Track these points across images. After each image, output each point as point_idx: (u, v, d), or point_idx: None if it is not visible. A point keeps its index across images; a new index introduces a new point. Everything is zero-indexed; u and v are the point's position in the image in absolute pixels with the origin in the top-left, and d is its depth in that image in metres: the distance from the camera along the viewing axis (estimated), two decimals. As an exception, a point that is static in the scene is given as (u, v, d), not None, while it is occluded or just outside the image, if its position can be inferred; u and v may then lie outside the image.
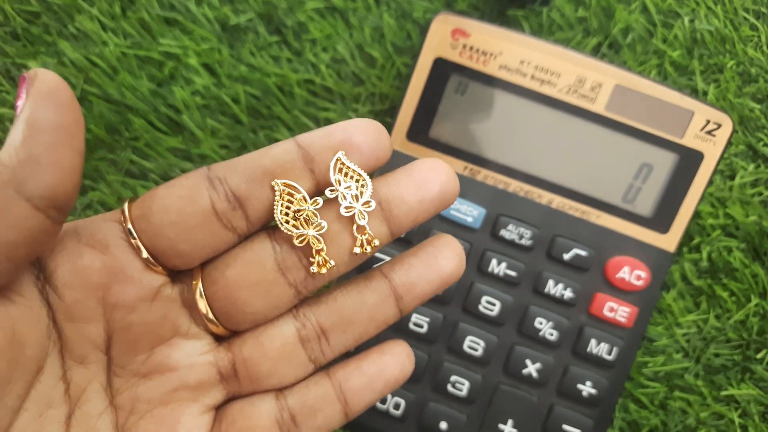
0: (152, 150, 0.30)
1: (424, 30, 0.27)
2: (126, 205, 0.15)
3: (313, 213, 0.15)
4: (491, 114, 0.26)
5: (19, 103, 0.13)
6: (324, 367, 0.17)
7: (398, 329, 0.26)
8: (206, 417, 0.16)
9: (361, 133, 0.15)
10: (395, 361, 0.17)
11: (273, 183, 0.15)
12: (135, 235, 0.15)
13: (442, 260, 0.17)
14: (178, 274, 0.16)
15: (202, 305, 0.16)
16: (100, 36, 0.30)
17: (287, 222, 0.15)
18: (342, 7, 0.30)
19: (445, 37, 0.26)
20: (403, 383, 0.18)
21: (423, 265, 0.16)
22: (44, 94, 0.13)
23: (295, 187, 0.15)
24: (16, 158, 0.12)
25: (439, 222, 0.27)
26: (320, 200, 0.15)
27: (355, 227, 0.15)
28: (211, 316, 0.16)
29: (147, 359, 0.16)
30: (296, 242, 0.15)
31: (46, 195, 0.13)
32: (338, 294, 0.17)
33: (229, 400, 0.17)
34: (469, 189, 0.27)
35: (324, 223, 0.15)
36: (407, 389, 0.26)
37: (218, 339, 0.17)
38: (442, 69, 0.26)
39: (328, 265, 0.15)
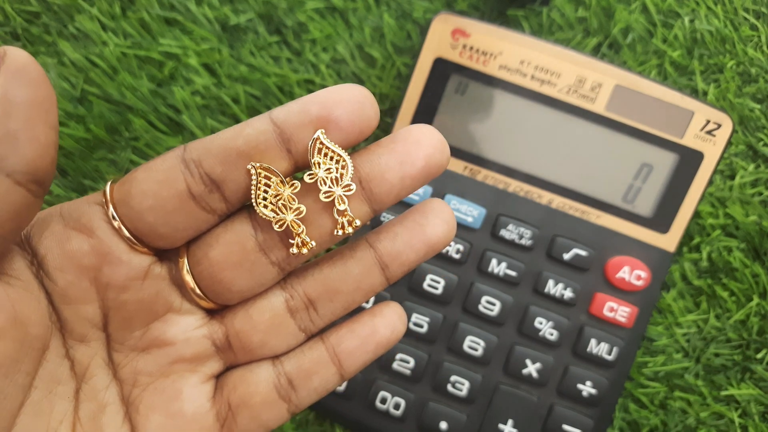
0: (152, 150, 0.30)
1: (424, 30, 0.27)
2: (108, 188, 0.15)
3: (291, 197, 0.15)
4: (491, 114, 0.26)
5: None
6: (317, 334, 0.18)
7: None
8: (207, 386, 0.17)
9: (340, 106, 0.14)
10: (386, 322, 0.17)
11: (249, 167, 0.14)
12: (117, 219, 0.15)
13: (430, 228, 0.16)
14: (165, 253, 0.16)
15: (190, 282, 0.16)
16: (100, 36, 0.30)
17: (265, 207, 0.15)
18: (342, 8, 0.30)
19: (445, 37, 0.26)
20: (396, 342, 0.18)
21: (409, 234, 0.16)
22: (15, 71, 0.13)
23: (272, 170, 0.14)
24: None
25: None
26: (298, 184, 0.15)
27: (335, 210, 0.15)
28: (198, 292, 0.16)
29: (144, 335, 0.16)
30: (275, 227, 0.15)
31: (26, 170, 0.13)
32: (324, 265, 0.17)
33: (228, 368, 0.18)
34: (469, 189, 0.27)
35: (303, 207, 0.15)
36: (407, 389, 0.26)
37: (211, 312, 0.17)
38: (442, 69, 0.26)
39: (308, 246, 0.15)
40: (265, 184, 0.15)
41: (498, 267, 0.27)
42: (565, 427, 0.26)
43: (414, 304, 0.27)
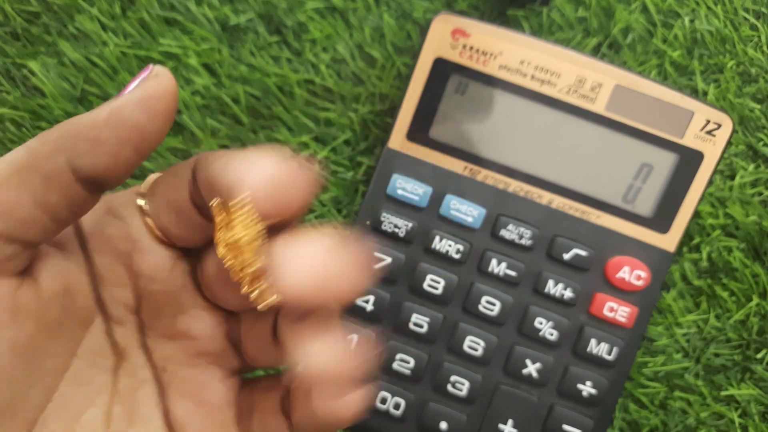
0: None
1: (424, 30, 0.27)
2: (145, 189, 0.16)
3: (251, 248, 0.14)
4: (491, 114, 0.26)
5: (125, 88, 0.14)
6: None
7: (399, 329, 0.26)
8: (232, 381, 0.17)
9: (263, 196, 0.13)
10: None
11: (212, 204, 0.14)
12: (145, 212, 0.16)
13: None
14: (189, 251, 0.17)
15: (206, 289, 0.17)
16: (100, 36, 0.30)
17: (224, 247, 0.14)
18: (342, 7, 0.30)
19: (445, 37, 0.26)
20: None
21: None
22: (146, 96, 0.14)
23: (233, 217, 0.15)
24: (85, 132, 0.13)
25: (439, 222, 0.27)
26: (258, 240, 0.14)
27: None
28: (212, 300, 0.17)
29: (172, 325, 0.17)
30: (230, 270, 0.15)
31: (92, 175, 0.14)
32: None
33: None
34: (469, 189, 0.27)
35: (261, 261, 0.14)
36: (407, 389, 0.26)
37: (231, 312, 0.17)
38: (442, 69, 0.26)
39: (260, 299, 0.14)
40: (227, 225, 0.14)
41: (498, 267, 0.27)
42: (565, 427, 0.26)
43: (414, 304, 0.27)
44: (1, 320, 0.13)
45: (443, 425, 0.26)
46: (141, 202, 0.16)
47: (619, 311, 0.27)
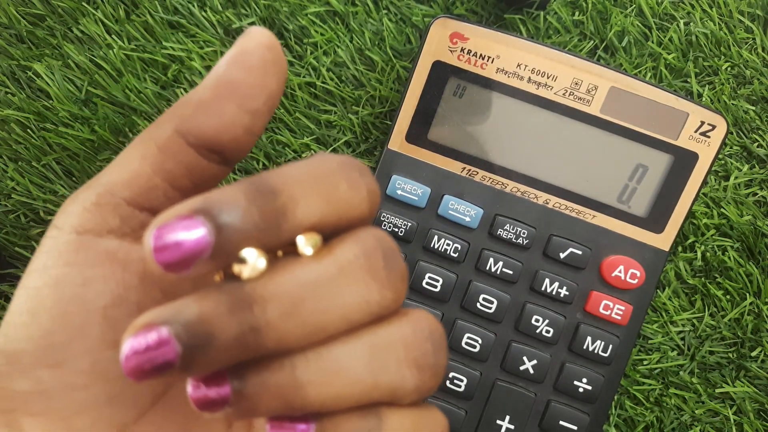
0: (156, 151, 0.30)
1: (423, 34, 0.27)
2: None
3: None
4: (489, 116, 0.27)
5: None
6: None
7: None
8: None
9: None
10: None
11: None
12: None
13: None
14: None
15: None
16: (105, 39, 0.31)
17: None
18: (343, 12, 0.30)
19: (444, 40, 0.26)
20: None
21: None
22: (236, 51, 0.14)
23: None
24: (190, 97, 0.14)
25: (437, 221, 0.27)
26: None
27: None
28: None
29: None
30: None
31: (202, 139, 0.14)
32: None
33: None
34: (467, 190, 0.27)
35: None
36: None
37: None
38: (441, 72, 0.27)
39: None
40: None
41: (495, 266, 0.27)
42: (562, 423, 0.27)
43: (413, 302, 0.27)
44: (130, 280, 0.14)
45: (442, 421, 0.27)
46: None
47: (615, 309, 0.27)
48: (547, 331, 0.27)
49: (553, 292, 0.27)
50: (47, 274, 0.14)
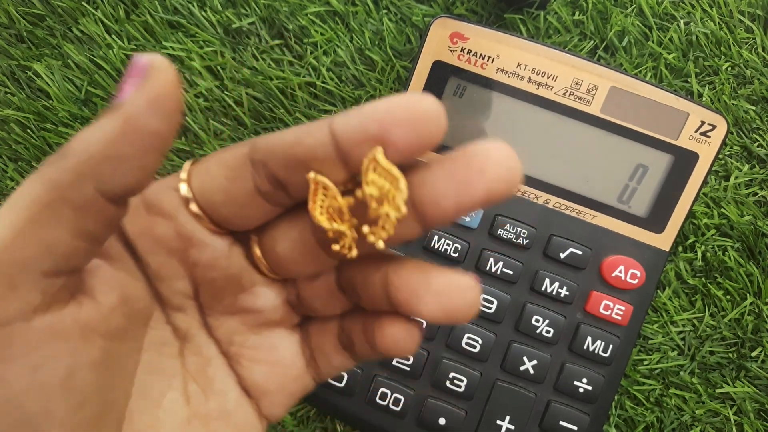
0: (156, 151, 0.30)
1: (423, 34, 0.27)
2: (186, 174, 0.16)
3: (346, 210, 0.15)
4: (489, 116, 0.27)
5: (125, 88, 0.13)
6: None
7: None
8: (295, 335, 0.18)
9: (399, 127, 0.13)
10: None
11: (308, 177, 0.14)
12: (196, 208, 0.16)
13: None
14: (240, 234, 0.17)
15: (264, 267, 0.17)
16: (105, 39, 0.31)
17: (321, 215, 0.15)
18: (343, 12, 0.30)
19: (444, 40, 0.26)
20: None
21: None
22: (154, 97, 0.13)
23: (328, 184, 0.15)
24: (104, 153, 0.13)
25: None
26: (351, 200, 0.15)
27: (381, 224, 0.15)
28: (272, 275, 0.17)
29: (232, 304, 0.17)
30: (329, 234, 0.15)
31: (122, 193, 0.13)
32: None
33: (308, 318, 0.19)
34: (467, 189, 0.27)
35: (354, 220, 0.15)
36: (407, 386, 0.27)
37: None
38: (441, 72, 0.27)
39: (352, 253, 0.16)
40: (323, 194, 0.15)
41: (495, 266, 0.27)
42: (562, 423, 0.27)
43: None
44: (75, 345, 0.14)
45: (442, 421, 0.27)
46: (188, 194, 0.16)
47: (615, 309, 0.27)
48: (548, 332, 0.27)
49: (554, 293, 0.27)
50: None
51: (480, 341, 0.27)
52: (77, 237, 0.13)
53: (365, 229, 0.15)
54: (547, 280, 0.27)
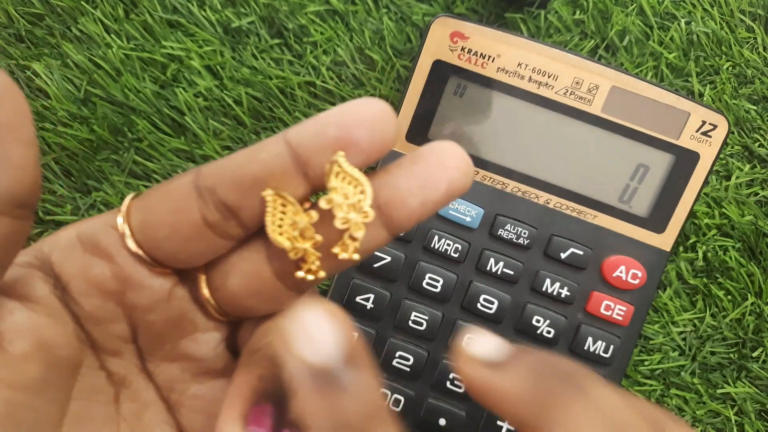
0: (155, 151, 0.30)
1: (423, 33, 0.27)
2: (125, 209, 0.15)
3: (309, 227, 0.14)
4: (489, 115, 0.27)
5: None
6: None
7: (398, 327, 0.27)
8: None
9: (359, 127, 0.13)
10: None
11: (263, 194, 0.14)
12: (135, 246, 0.15)
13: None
14: (186, 272, 0.16)
15: (212, 306, 0.16)
16: (104, 38, 0.30)
17: (280, 235, 0.14)
18: (342, 11, 0.30)
19: (444, 39, 0.26)
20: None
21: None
22: None
23: (288, 199, 0.14)
24: None
25: (438, 221, 0.27)
26: (315, 214, 0.14)
27: (348, 236, 0.14)
28: (220, 317, 0.16)
29: (173, 349, 0.16)
30: (291, 255, 0.14)
31: (4, 197, 0.12)
32: None
33: None
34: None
35: (319, 237, 0.14)
36: (406, 386, 0.27)
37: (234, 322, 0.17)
38: (441, 71, 0.27)
39: (317, 275, 0.15)
40: (281, 212, 0.14)
41: (496, 266, 0.27)
42: (563, 424, 0.27)
43: (413, 303, 0.27)
44: None
45: (442, 422, 0.27)
46: (125, 230, 0.15)
47: (616, 310, 0.27)
48: (548, 332, 0.27)
49: (554, 293, 0.27)
50: None
51: (480, 341, 0.27)
52: None
53: (335, 249, 0.14)
54: (548, 281, 0.27)
